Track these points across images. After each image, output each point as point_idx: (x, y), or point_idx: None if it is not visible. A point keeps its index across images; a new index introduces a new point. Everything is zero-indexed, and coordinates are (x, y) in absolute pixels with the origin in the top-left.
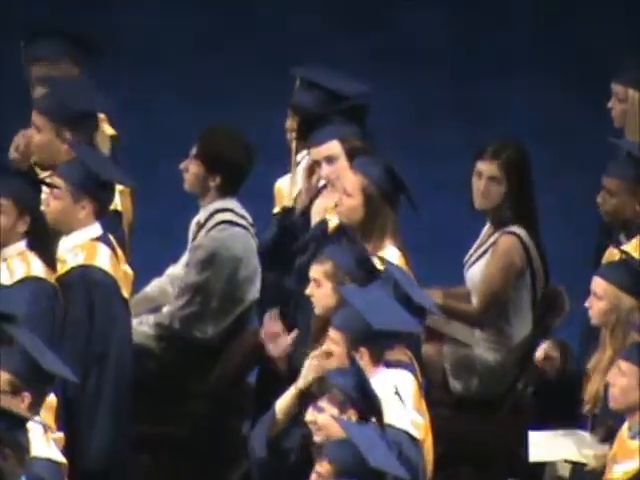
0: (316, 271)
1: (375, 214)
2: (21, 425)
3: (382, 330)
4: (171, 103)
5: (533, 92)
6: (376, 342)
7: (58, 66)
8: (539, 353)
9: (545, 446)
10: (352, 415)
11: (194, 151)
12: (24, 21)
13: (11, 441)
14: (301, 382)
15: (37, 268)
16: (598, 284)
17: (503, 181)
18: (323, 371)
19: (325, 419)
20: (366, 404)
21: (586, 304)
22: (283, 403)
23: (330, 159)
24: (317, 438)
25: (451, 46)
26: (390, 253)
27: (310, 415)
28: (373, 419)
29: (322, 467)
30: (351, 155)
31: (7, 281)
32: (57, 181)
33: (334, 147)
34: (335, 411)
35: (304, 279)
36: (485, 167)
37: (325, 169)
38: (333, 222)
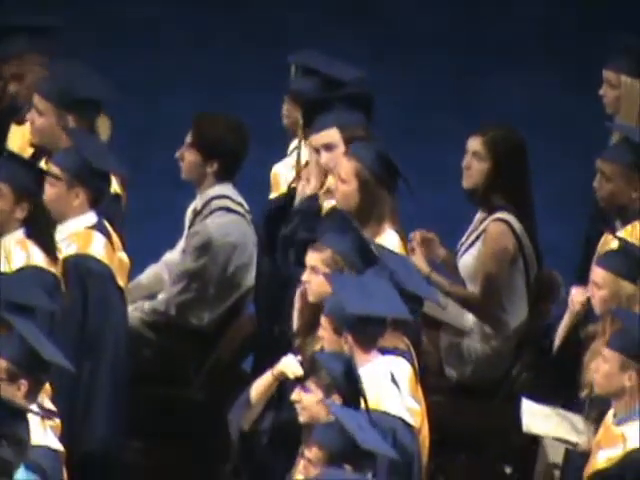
0: (314, 258)
1: (371, 199)
2: (21, 416)
3: (357, 314)
4: (170, 89)
5: (533, 82)
6: (360, 328)
7: (27, 60)
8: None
9: (539, 418)
10: (336, 400)
11: (189, 139)
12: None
13: (7, 432)
14: (278, 370)
15: (37, 257)
16: (597, 273)
17: (486, 159)
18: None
19: (310, 400)
20: (350, 391)
21: (587, 294)
22: (259, 388)
23: (328, 147)
24: (301, 418)
25: (452, 37)
26: (389, 237)
27: (296, 395)
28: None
29: (311, 452)
30: (350, 143)
31: (6, 269)
32: (53, 169)
33: (333, 135)
34: (320, 393)
35: (286, 252)
36: (470, 142)
37: (324, 156)
38: (327, 203)
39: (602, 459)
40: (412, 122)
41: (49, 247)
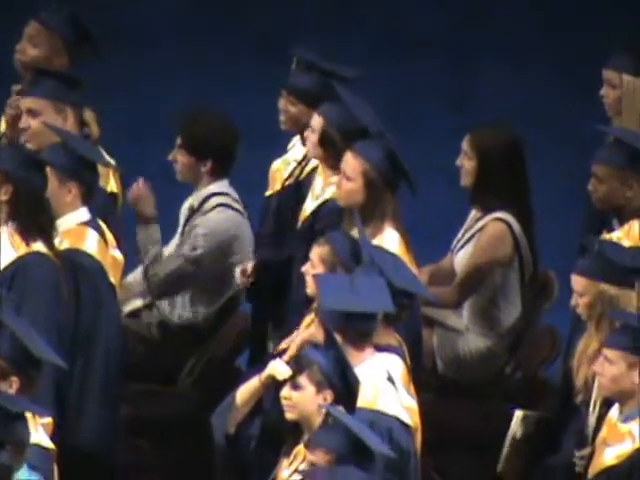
0: (313, 253)
1: (376, 198)
2: (20, 417)
3: (337, 310)
4: (159, 86)
5: (528, 77)
6: (345, 325)
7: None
8: None
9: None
10: (328, 395)
11: (179, 141)
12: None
13: (8, 435)
14: (266, 375)
15: (38, 243)
16: (577, 282)
17: (473, 158)
18: (292, 370)
19: (300, 397)
20: (343, 386)
21: (572, 303)
22: (245, 393)
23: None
24: (290, 415)
25: (444, 30)
26: (389, 236)
27: (286, 391)
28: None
29: (315, 456)
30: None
31: (10, 256)
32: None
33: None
34: (312, 389)
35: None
36: (463, 141)
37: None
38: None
39: (610, 456)
40: (405, 118)
41: (27, 232)
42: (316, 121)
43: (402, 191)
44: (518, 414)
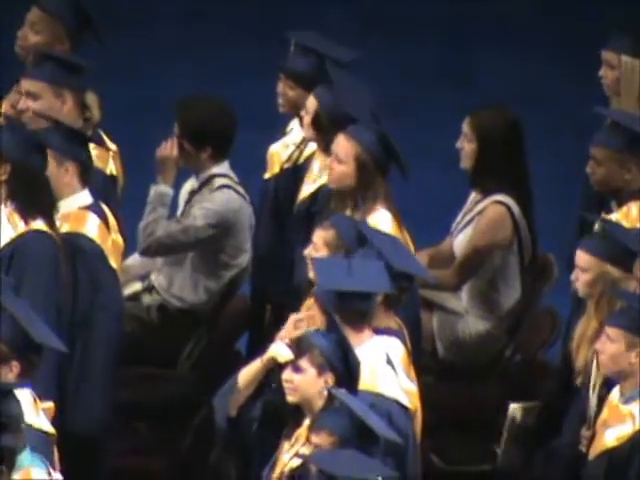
0: (317, 236)
1: (367, 181)
2: (7, 393)
3: (334, 291)
4: (159, 69)
5: (526, 60)
6: (343, 306)
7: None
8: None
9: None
10: (329, 378)
11: (176, 131)
12: None
13: (5, 418)
14: (268, 356)
15: (38, 222)
16: (581, 257)
17: (473, 140)
18: (294, 353)
19: (301, 379)
20: (344, 369)
21: (572, 277)
22: (246, 375)
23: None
24: (291, 398)
25: (439, 12)
26: (381, 216)
27: (288, 374)
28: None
29: (319, 438)
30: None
31: (10, 234)
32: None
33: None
34: (314, 372)
35: (309, 229)
36: (464, 124)
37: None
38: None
39: (611, 438)
40: (398, 94)
41: (26, 211)
42: (310, 103)
43: (397, 175)
44: (513, 407)
